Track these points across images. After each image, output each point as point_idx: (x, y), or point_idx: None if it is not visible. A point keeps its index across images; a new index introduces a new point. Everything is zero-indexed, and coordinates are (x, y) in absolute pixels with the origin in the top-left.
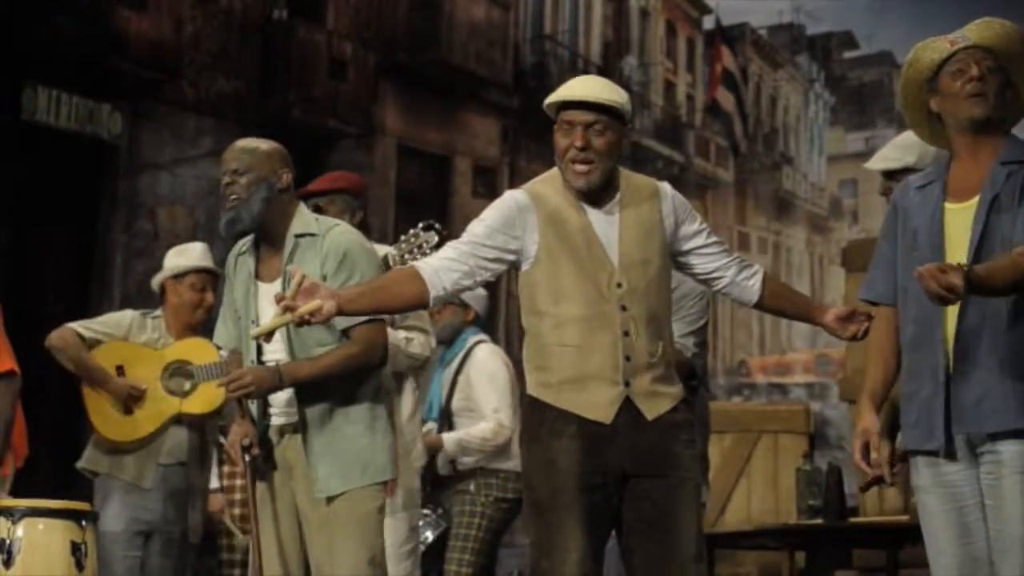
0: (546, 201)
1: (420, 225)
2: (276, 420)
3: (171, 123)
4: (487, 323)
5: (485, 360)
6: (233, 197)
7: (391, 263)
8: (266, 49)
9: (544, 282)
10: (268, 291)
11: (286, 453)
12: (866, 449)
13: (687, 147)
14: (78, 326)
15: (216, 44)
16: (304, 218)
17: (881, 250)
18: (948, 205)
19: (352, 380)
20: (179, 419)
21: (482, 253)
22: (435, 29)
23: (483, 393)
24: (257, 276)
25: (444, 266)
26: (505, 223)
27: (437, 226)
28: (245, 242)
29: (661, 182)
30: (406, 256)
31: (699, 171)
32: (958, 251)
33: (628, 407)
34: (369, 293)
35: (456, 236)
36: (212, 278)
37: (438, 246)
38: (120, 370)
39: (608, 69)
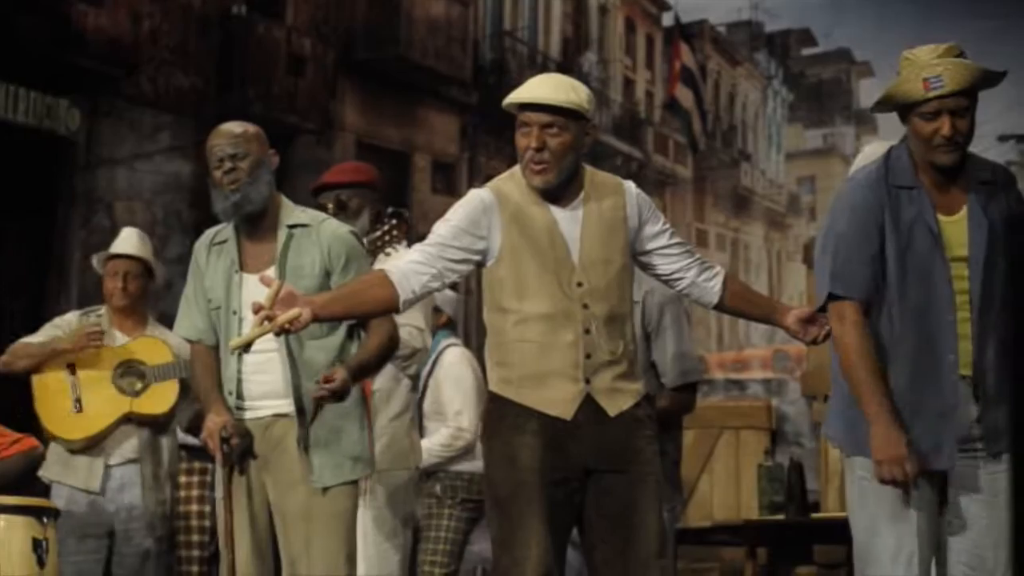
0: (510, 199)
1: (389, 210)
2: (258, 412)
3: (129, 118)
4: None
5: (453, 363)
6: (236, 180)
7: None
8: (224, 45)
9: (508, 279)
10: (254, 282)
11: (265, 446)
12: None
13: (646, 144)
14: (30, 338)
15: (174, 39)
16: (291, 208)
17: (858, 245)
18: (941, 218)
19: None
20: (129, 418)
21: (449, 255)
22: (394, 25)
23: (448, 396)
24: (241, 267)
25: (412, 270)
26: (471, 223)
27: (404, 213)
28: (218, 232)
29: (626, 181)
30: (377, 244)
31: (658, 168)
32: (958, 266)
33: (589, 403)
34: (341, 299)
35: (416, 232)
36: (133, 263)
37: (399, 230)
38: (71, 368)
39: (567, 66)
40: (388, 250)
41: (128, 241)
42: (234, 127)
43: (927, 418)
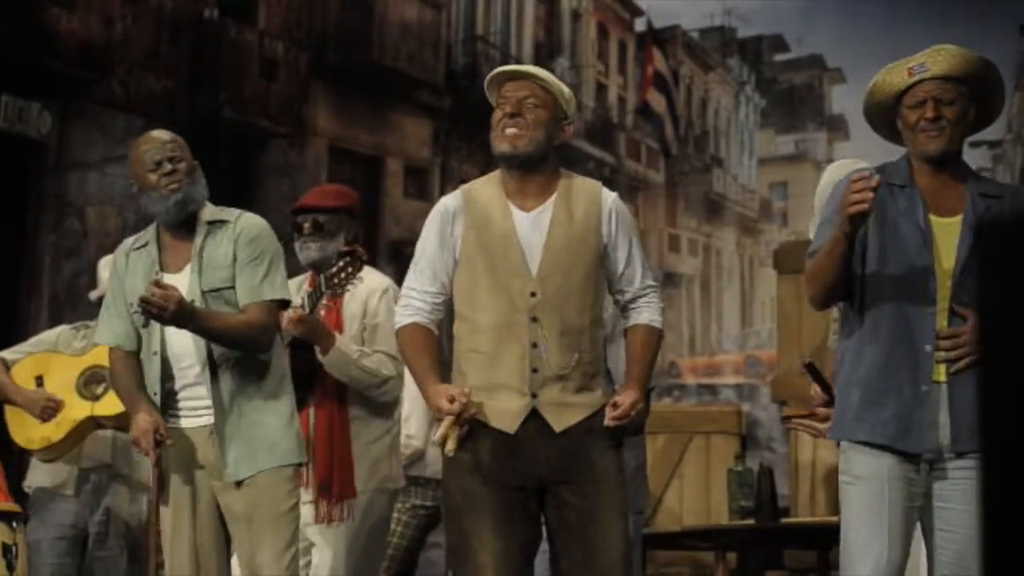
0: (477, 202)
1: (341, 251)
2: (197, 421)
3: (101, 122)
4: None
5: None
6: (177, 181)
7: (323, 288)
8: (197, 48)
9: (463, 288)
10: (175, 281)
11: (209, 453)
12: None
13: (618, 149)
14: (5, 352)
15: (146, 43)
16: (212, 209)
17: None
18: (933, 217)
19: (258, 369)
20: (99, 424)
21: (442, 271)
22: (367, 29)
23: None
24: (162, 266)
25: (429, 304)
26: (441, 237)
27: (356, 251)
28: (138, 237)
29: (606, 189)
30: (333, 282)
31: (630, 173)
32: (945, 264)
33: (535, 417)
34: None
35: (388, 237)
36: None
37: (354, 267)
38: (39, 380)
39: None
40: (348, 287)
41: None
42: (163, 134)
43: (899, 401)
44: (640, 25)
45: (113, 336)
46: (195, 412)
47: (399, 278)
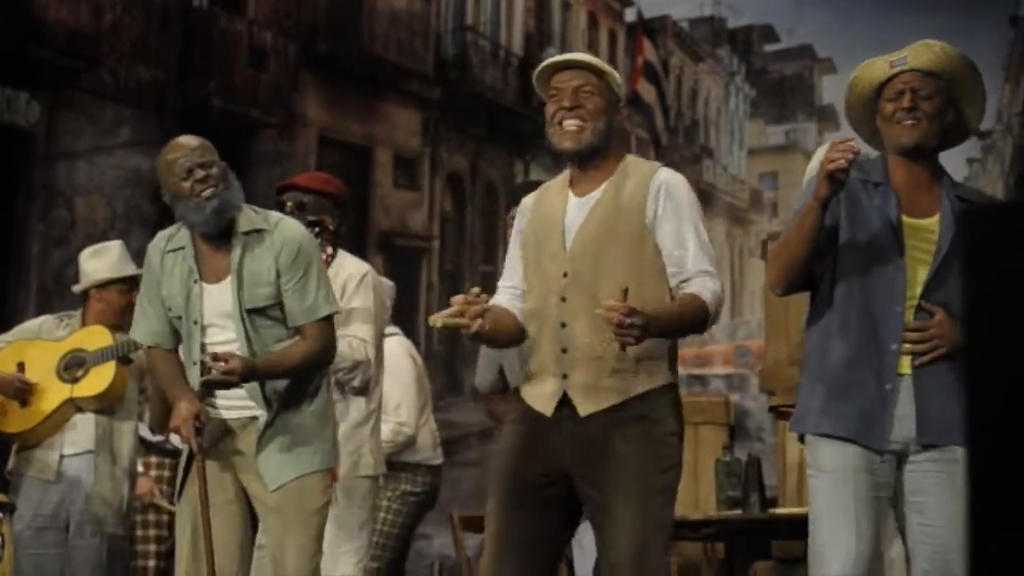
0: (544, 195)
1: (309, 220)
2: (233, 413)
3: (89, 112)
4: (399, 317)
5: (391, 355)
6: (212, 187)
7: None
8: (186, 38)
9: (525, 277)
10: (214, 293)
11: (242, 445)
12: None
13: None
14: None
15: (135, 33)
16: (248, 214)
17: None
18: (905, 218)
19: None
20: (78, 407)
21: (517, 265)
22: (356, 19)
23: (387, 389)
24: (200, 276)
25: (508, 295)
26: (516, 233)
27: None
28: (172, 237)
29: (666, 171)
30: None
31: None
32: (917, 265)
33: (568, 400)
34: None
35: (377, 227)
36: (128, 279)
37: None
38: (20, 367)
39: (530, 61)
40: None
41: (124, 258)
42: (190, 140)
43: (862, 396)
44: (630, 15)
45: (151, 336)
46: (233, 407)
47: (389, 268)
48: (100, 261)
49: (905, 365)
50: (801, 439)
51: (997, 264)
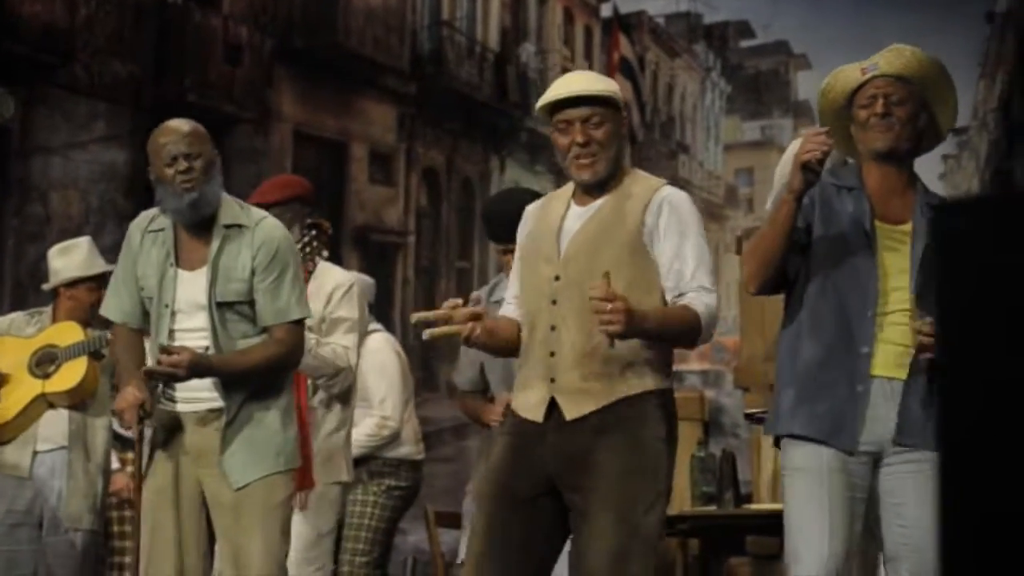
0: (545, 206)
1: (308, 222)
2: (193, 406)
3: (64, 107)
4: (379, 311)
5: (376, 350)
6: (192, 180)
7: None
8: (161, 33)
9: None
10: (188, 280)
11: (200, 439)
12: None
13: None
14: None
15: (110, 27)
16: (231, 207)
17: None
18: (878, 223)
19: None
20: (50, 403)
21: (518, 279)
22: (332, 14)
23: (372, 383)
24: (177, 261)
25: (515, 307)
26: (519, 243)
27: (322, 223)
28: (154, 219)
29: (669, 187)
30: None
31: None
32: (891, 271)
33: (556, 406)
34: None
35: (353, 222)
36: (99, 276)
37: (319, 240)
38: None
39: (505, 56)
40: (310, 265)
41: (93, 255)
42: (183, 125)
43: (833, 398)
44: (606, 11)
45: (121, 313)
46: (191, 400)
47: (364, 264)
48: (69, 259)
49: (876, 367)
50: (776, 443)
51: (970, 258)
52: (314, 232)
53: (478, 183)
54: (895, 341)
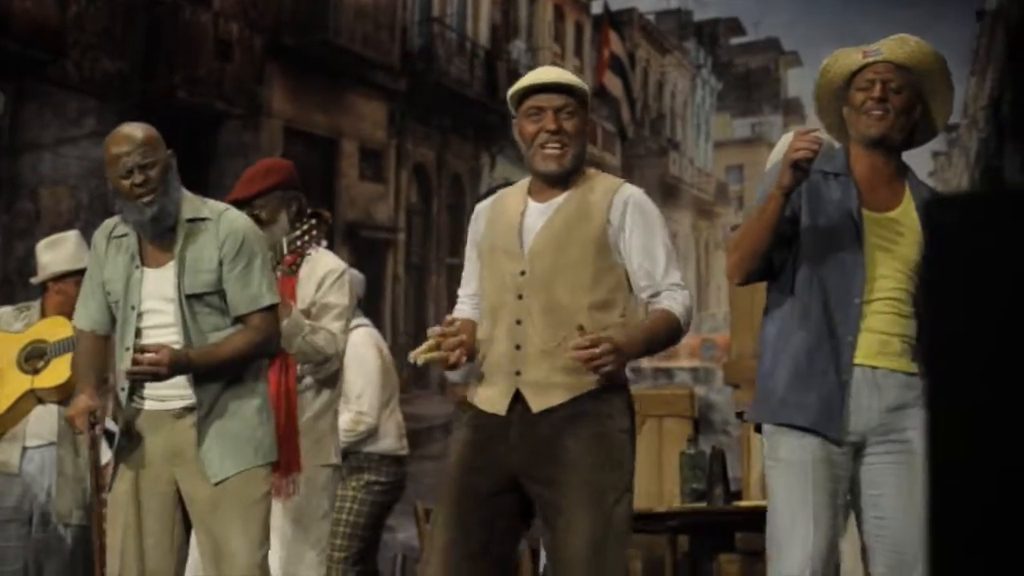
0: (501, 200)
1: (308, 212)
2: (165, 404)
3: (54, 103)
4: (369, 307)
5: (357, 344)
6: (148, 191)
7: (284, 251)
8: (151, 29)
9: (480, 280)
10: (155, 278)
11: (173, 437)
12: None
13: None
14: None
15: (101, 24)
16: (191, 202)
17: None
18: (865, 211)
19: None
20: (39, 399)
21: (474, 276)
22: (322, 11)
23: (350, 378)
24: (142, 261)
25: (470, 304)
26: (472, 239)
27: (323, 213)
28: (117, 224)
29: (630, 186)
30: (297, 244)
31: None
32: (870, 257)
33: (521, 401)
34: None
35: (343, 219)
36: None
37: (319, 229)
38: None
39: (496, 53)
40: (309, 252)
41: (81, 249)
42: (135, 131)
43: (823, 386)
44: (597, 7)
45: (89, 321)
46: (162, 398)
47: (354, 260)
48: (56, 253)
49: (859, 355)
50: (758, 428)
51: (960, 254)
52: (314, 221)
53: (468, 179)
54: (878, 329)
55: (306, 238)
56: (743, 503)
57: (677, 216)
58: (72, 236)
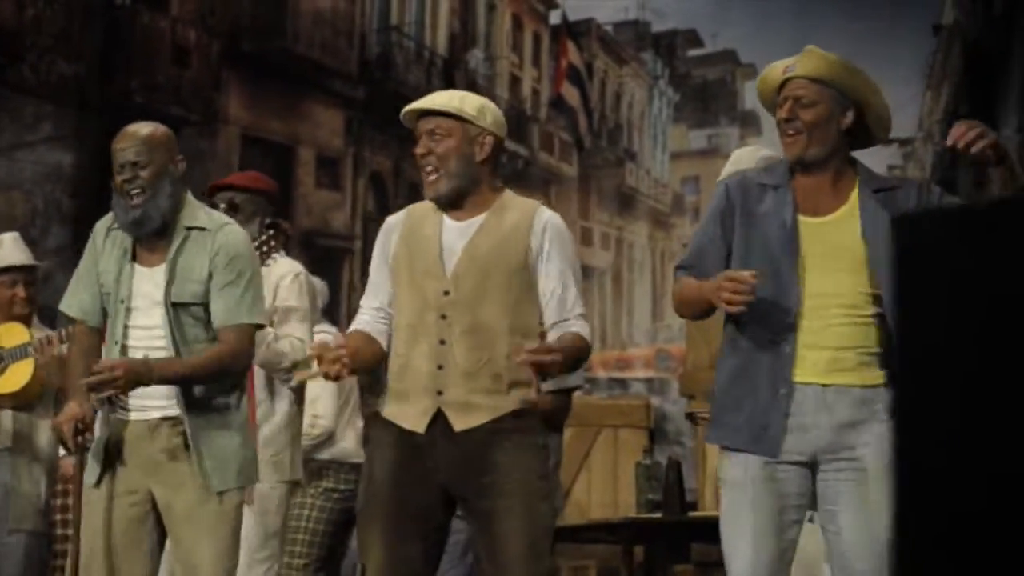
0: (414, 215)
1: (267, 221)
2: (145, 415)
3: (9, 107)
4: (328, 317)
5: None
6: (137, 192)
7: None
8: (108, 34)
9: (393, 295)
10: (147, 276)
11: (151, 449)
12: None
13: (532, 141)
14: None
15: (57, 28)
16: (193, 209)
17: (707, 231)
18: (804, 218)
19: (224, 379)
20: None
21: (383, 285)
22: (280, 18)
23: (308, 383)
24: (135, 258)
25: (372, 316)
26: (381, 253)
27: (280, 223)
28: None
29: (547, 209)
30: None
31: (543, 166)
32: (813, 264)
33: (442, 419)
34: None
35: (299, 227)
36: (28, 271)
37: (276, 240)
38: None
39: (454, 62)
40: (268, 262)
41: (15, 249)
42: (141, 129)
43: (753, 405)
44: (555, 18)
45: (80, 309)
46: (143, 408)
47: (311, 268)
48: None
49: (806, 373)
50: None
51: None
52: (271, 232)
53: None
54: (829, 345)
55: (264, 248)
56: (698, 514)
57: (634, 227)
58: (8, 236)
